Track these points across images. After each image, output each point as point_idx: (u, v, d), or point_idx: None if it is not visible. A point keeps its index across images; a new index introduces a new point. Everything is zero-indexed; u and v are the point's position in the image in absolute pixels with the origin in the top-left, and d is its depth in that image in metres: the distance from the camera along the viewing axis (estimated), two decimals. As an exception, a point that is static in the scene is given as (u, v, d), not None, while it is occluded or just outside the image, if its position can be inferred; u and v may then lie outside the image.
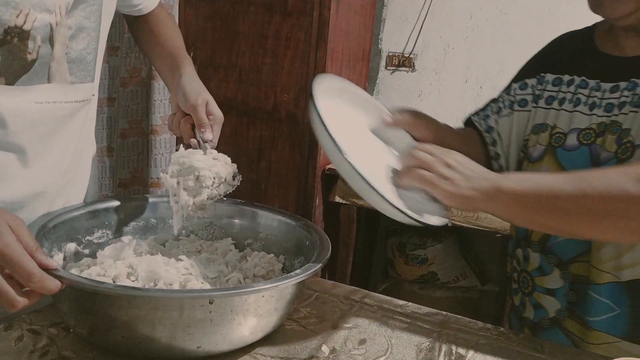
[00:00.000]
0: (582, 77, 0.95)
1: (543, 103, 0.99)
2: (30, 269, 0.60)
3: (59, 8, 0.79)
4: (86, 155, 1.01)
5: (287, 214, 0.94)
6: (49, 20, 0.78)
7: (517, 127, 1.03)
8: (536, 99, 1.01)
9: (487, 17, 2.56)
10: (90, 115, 0.98)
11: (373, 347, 0.78)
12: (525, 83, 1.04)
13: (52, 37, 0.80)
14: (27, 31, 0.76)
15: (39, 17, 0.77)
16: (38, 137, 0.84)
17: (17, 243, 0.60)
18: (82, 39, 0.85)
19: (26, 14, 0.75)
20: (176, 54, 1.05)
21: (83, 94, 0.90)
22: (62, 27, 0.81)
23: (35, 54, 0.79)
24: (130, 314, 0.64)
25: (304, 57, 2.25)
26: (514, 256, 1.03)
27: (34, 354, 0.68)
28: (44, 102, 0.82)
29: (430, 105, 2.73)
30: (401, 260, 2.56)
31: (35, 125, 0.83)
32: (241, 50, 2.36)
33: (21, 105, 0.80)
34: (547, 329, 0.95)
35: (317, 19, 2.20)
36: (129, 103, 2.20)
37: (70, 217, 0.84)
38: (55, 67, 0.82)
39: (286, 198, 2.38)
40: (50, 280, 0.61)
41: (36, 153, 0.85)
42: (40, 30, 0.78)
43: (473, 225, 2.15)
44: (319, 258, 0.77)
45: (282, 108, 2.33)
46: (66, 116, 0.88)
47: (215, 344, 0.68)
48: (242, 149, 2.42)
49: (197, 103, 0.91)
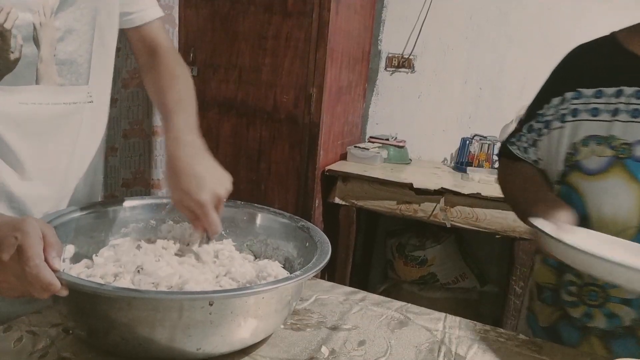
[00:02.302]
0: (634, 88, 0.94)
1: (588, 115, 0.98)
2: (49, 279, 0.61)
3: (42, 8, 0.79)
4: (92, 158, 0.99)
5: (287, 216, 0.94)
6: (31, 20, 0.78)
7: (556, 143, 1.02)
8: (575, 112, 1.00)
9: (487, 18, 2.56)
10: (95, 118, 0.96)
11: (372, 348, 0.78)
12: (563, 97, 1.03)
13: (36, 38, 0.79)
14: (8, 30, 0.76)
15: (21, 16, 0.77)
16: (26, 138, 0.83)
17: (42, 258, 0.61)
18: (72, 41, 0.85)
19: (7, 12, 0.75)
20: (166, 106, 0.90)
21: (75, 96, 0.88)
22: (48, 28, 0.80)
23: (17, 53, 0.78)
24: (130, 316, 0.64)
25: (304, 58, 2.25)
26: (568, 270, 1.00)
27: (33, 355, 0.68)
28: (29, 103, 0.81)
29: (429, 106, 2.73)
30: (401, 261, 2.56)
31: (22, 125, 0.82)
32: (241, 51, 2.36)
33: (4, 105, 0.79)
34: (621, 336, 0.95)
35: (317, 19, 2.20)
36: (130, 104, 2.20)
37: (69, 218, 0.84)
38: (43, 68, 0.81)
39: (286, 199, 2.38)
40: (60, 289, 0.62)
41: (27, 155, 0.84)
42: (22, 29, 0.77)
43: (472, 226, 2.15)
44: (319, 260, 0.76)
45: (282, 108, 2.33)
46: (57, 118, 0.87)
47: (215, 346, 0.68)
48: (242, 149, 2.42)
49: (203, 201, 0.79)
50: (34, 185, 0.86)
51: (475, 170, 2.41)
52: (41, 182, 0.87)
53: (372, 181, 2.27)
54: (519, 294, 2.13)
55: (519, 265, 2.11)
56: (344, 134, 2.61)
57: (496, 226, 2.11)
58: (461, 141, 2.57)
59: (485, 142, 2.47)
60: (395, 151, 2.60)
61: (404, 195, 2.23)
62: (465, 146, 2.54)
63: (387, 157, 2.56)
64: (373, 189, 2.28)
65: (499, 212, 2.09)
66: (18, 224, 0.62)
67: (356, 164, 2.45)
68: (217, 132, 2.41)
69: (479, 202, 2.11)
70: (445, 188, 2.15)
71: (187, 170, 0.80)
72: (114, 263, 0.79)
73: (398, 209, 2.25)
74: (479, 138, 2.50)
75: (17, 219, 0.65)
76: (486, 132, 2.56)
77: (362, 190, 2.30)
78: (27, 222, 0.63)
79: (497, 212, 2.10)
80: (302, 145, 2.32)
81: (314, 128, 2.29)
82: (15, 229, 0.62)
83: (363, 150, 2.50)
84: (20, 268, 0.60)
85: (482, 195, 2.09)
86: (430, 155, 2.77)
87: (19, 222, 0.63)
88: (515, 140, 1.13)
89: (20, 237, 0.61)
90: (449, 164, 2.72)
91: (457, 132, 2.67)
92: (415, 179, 2.22)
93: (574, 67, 1.07)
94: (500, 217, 2.10)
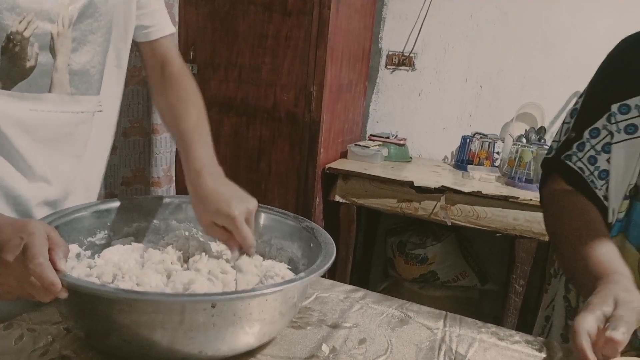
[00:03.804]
0: None
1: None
2: (52, 278, 0.60)
3: (62, 19, 0.80)
4: (98, 164, 1.01)
5: (292, 216, 0.93)
6: (50, 30, 0.80)
7: (625, 158, 0.89)
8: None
9: (487, 17, 2.56)
10: (104, 126, 0.97)
11: (373, 347, 0.78)
12: (627, 105, 0.90)
13: (53, 47, 0.81)
14: (26, 38, 0.78)
15: (40, 25, 0.78)
16: (36, 144, 0.85)
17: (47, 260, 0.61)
18: (86, 52, 0.86)
19: (28, 20, 0.77)
20: (184, 135, 0.91)
21: (84, 106, 0.90)
22: (64, 38, 0.82)
23: (33, 61, 0.80)
24: (131, 318, 0.63)
25: (304, 57, 2.25)
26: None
27: (34, 353, 0.68)
28: (39, 110, 0.83)
29: (430, 104, 2.73)
30: (401, 260, 2.56)
31: (32, 131, 0.83)
32: (241, 50, 2.36)
33: (15, 111, 0.80)
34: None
35: (317, 18, 2.20)
36: (130, 102, 2.20)
37: (72, 218, 0.84)
38: (58, 78, 0.83)
39: (286, 197, 2.38)
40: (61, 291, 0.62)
41: (36, 160, 0.85)
42: (39, 38, 0.79)
43: (473, 224, 2.15)
44: (324, 261, 0.75)
45: (282, 107, 2.33)
46: (67, 126, 0.88)
47: (218, 349, 0.67)
48: (242, 148, 2.43)
49: (235, 215, 0.80)
50: (40, 188, 0.88)
51: (475, 169, 2.41)
52: (48, 186, 0.89)
53: (373, 179, 2.27)
54: (519, 292, 2.13)
55: (519, 264, 2.11)
56: (345, 132, 2.61)
57: (496, 224, 2.11)
58: (462, 139, 2.57)
59: (485, 140, 2.47)
60: (395, 149, 2.60)
61: (404, 194, 2.23)
62: (466, 144, 2.54)
63: (388, 155, 2.57)
64: (373, 187, 2.28)
65: (500, 210, 2.09)
66: (23, 226, 0.63)
67: (357, 162, 2.45)
68: (217, 132, 2.41)
69: (480, 200, 2.11)
70: (445, 186, 2.15)
71: (213, 193, 0.83)
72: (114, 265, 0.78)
73: (398, 207, 2.25)
74: (479, 136, 2.50)
75: (22, 220, 0.65)
76: (487, 130, 2.57)
77: (363, 188, 2.30)
78: (32, 224, 0.63)
79: (498, 210, 2.10)
80: (302, 143, 2.32)
81: (314, 126, 2.29)
82: (20, 230, 0.62)
83: (363, 149, 2.50)
84: (24, 268, 0.60)
85: (482, 193, 2.09)
86: (430, 153, 2.77)
87: (24, 223, 0.63)
88: (573, 153, 0.93)
89: (26, 238, 0.61)
90: (449, 162, 2.72)
91: (457, 130, 2.68)
92: (416, 177, 2.22)
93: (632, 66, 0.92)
94: (500, 215, 2.10)
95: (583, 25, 2.35)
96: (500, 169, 2.42)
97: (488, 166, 2.43)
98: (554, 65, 2.46)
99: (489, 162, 2.44)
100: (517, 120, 2.50)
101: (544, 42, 2.47)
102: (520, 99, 2.53)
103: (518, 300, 2.14)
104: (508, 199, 2.06)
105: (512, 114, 2.51)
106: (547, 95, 2.48)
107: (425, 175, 2.31)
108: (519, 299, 2.14)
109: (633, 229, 0.91)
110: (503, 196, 2.08)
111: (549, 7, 2.44)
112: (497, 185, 2.24)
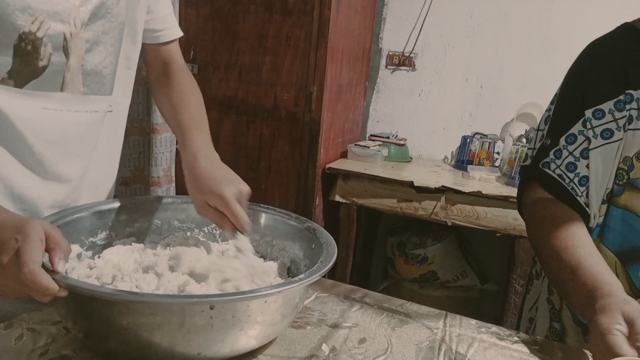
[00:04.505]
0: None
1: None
2: (45, 284, 0.60)
3: (74, 20, 0.81)
4: (108, 164, 1.02)
5: (294, 217, 0.93)
6: (62, 30, 0.81)
7: (602, 163, 0.89)
8: (630, 119, 0.88)
9: (487, 17, 2.56)
10: (114, 126, 0.98)
11: (373, 346, 0.78)
12: (601, 110, 0.90)
13: (66, 48, 0.82)
14: (40, 38, 0.78)
15: (53, 26, 0.79)
16: (47, 142, 0.85)
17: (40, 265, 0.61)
18: (99, 53, 0.87)
19: (41, 21, 0.78)
20: (182, 125, 0.94)
21: (96, 105, 0.91)
22: (78, 39, 0.83)
23: (46, 61, 0.80)
24: (129, 320, 0.62)
25: (304, 56, 2.25)
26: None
27: (34, 353, 0.68)
28: (50, 108, 0.83)
29: (430, 104, 2.73)
30: (401, 260, 2.56)
31: (43, 130, 0.84)
32: (241, 49, 2.36)
33: (26, 110, 0.81)
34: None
35: (318, 18, 2.20)
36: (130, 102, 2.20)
37: (73, 218, 0.83)
38: (70, 77, 0.84)
39: (286, 197, 2.38)
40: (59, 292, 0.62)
41: (47, 158, 0.86)
42: (52, 39, 0.80)
43: (473, 224, 2.15)
44: (325, 262, 0.75)
45: (282, 107, 2.33)
46: (78, 125, 0.89)
47: (217, 351, 0.66)
48: (242, 148, 2.42)
49: (227, 195, 0.81)
50: (49, 187, 0.88)
51: (475, 169, 2.41)
52: (57, 185, 0.89)
53: (373, 179, 2.27)
54: (519, 292, 2.13)
55: (519, 264, 2.11)
56: (345, 132, 2.61)
57: (496, 224, 2.11)
58: (462, 139, 2.58)
59: (485, 141, 2.47)
60: (395, 149, 2.60)
61: (404, 194, 2.23)
62: (466, 144, 2.54)
63: (388, 155, 2.57)
64: (373, 187, 2.28)
65: (500, 210, 2.09)
66: (22, 226, 0.62)
67: (357, 162, 2.45)
68: (217, 131, 2.41)
69: (480, 200, 2.11)
70: (445, 186, 2.15)
71: (206, 175, 0.84)
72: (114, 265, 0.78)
73: (398, 207, 2.25)
74: (479, 136, 2.50)
75: (23, 220, 0.65)
76: (487, 130, 2.57)
77: (363, 188, 2.30)
78: (30, 225, 0.63)
79: (498, 211, 2.10)
80: (302, 143, 2.32)
81: (315, 126, 2.29)
82: (17, 231, 0.62)
83: (364, 148, 2.50)
84: (18, 271, 0.60)
85: (482, 193, 2.09)
86: (430, 153, 2.77)
87: (23, 223, 0.63)
88: (551, 160, 0.93)
89: (20, 240, 0.61)
90: (449, 162, 2.72)
91: (457, 130, 2.68)
92: (416, 177, 2.22)
93: (605, 66, 0.92)
94: (500, 215, 2.10)
95: (583, 25, 2.35)
96: (500, 169, 2.42)
97: (488, 166, 2.43)
98: (554, 65, 2.46)
99: (489, 162, 2.44)
100: (517, 120, 2.50)
101: (544, 42, 2.47)
102: (520, 99, 2.53)
103: (518, 300, 2.14)
104: (508, 199, 2.06)
105: (513, 114, 2.51)
106: (548, 95, 2.46)
107: (425, 175, 2.31)
108: (519, 299, 2.14)
109: (609, 233, 0.91)
110: (503, 196, 2.08)
111: (550, 7, 2.44)
112: (497, 185, 2.24)
